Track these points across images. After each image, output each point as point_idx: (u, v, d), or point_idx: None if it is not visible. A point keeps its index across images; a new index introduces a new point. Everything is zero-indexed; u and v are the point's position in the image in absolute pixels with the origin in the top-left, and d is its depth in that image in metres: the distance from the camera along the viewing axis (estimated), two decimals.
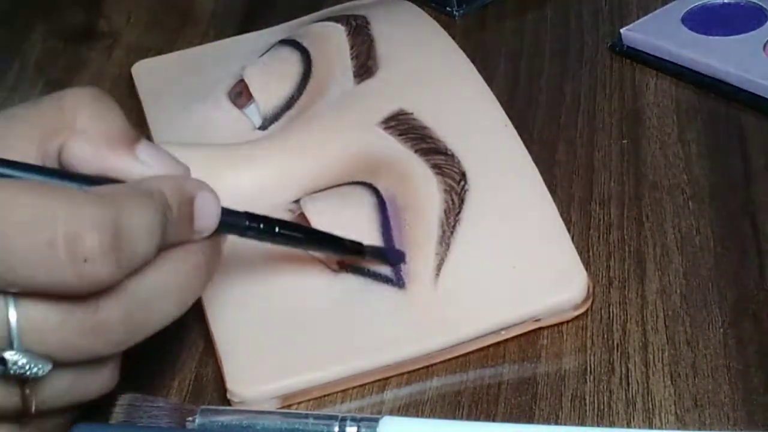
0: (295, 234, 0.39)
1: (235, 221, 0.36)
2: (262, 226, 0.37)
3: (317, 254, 0.41)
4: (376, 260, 0.41)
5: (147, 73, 0.55)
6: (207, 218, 0.35)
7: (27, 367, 0.31)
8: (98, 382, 0.34)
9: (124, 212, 0.32)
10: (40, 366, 0.32)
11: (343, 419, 0.35)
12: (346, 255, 0.41)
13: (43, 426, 0.35)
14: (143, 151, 0.35)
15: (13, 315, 0.31)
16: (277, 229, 0.38)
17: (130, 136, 0.35)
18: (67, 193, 0.31)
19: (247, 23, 0.59)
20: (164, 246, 0.33)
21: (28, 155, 0.34)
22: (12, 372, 0.31)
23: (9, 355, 0.31)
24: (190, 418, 0.36)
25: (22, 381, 0.32)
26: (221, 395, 0.39)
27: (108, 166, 0.34)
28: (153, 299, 0.33)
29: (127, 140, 0.35)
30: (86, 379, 0.34)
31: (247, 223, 0.37)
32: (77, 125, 0.34)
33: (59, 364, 0.32)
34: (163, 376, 0.40)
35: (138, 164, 0.34)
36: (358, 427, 0.35)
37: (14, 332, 0.31)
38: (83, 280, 0.31)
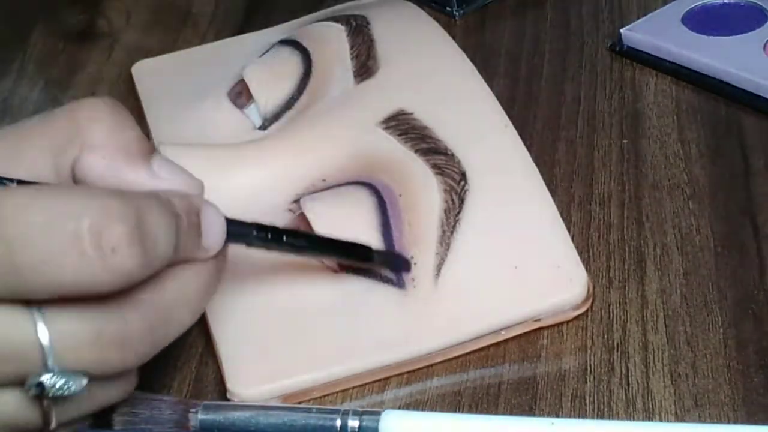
0: (301, 242, 0.39)
1: (242, 231, 0.36)
2: (269, 235, 0.37)
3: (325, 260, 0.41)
4: (383, 266, 0.41)
5: (147, 73, 0.55)
6: (213, 235, 0.35)
7: (65, 387, 0.31)
8: (119, 390, 0.35)
9: (144, 208, 0.32)
10: (76, 383, 0.32)
11: (345, 412, 0.36)
12: (354, 261, 0.40)
13: None
14: (158, 165, 0.35)
15: (44, 334, 0.31)
16: (284, 238, 0.38)
17: (145, 149, 0.35)
18: (87, 189, 0.32)
19: (247, 23, 0.59)
20: (175, 257, 0.33)
21: (42, 169, 0.34)
22: (49, 395, 0.31)
23: (46, 379, 0.31)
24: (193, 410, 0.36)
25: (51, 399, 0.32)
26: (221, 395, 0.39)
27: (122, 179, 0.34)
28: (171, 310, 0.34)
29: (142, 154, 0.35)
30: (110, 390, 0.34)
31: (255, 233, 0.37)
32: (91, 139, 0.34)
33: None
34: (163, 376, 0.40)
35: (153, 178, 0.34)
36: (361, 420, 0.35)
37: (47, 351, 0.31)
38: (113, 273, 0.31)
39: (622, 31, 0.53)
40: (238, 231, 0.36)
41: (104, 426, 0.37)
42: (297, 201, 0.43)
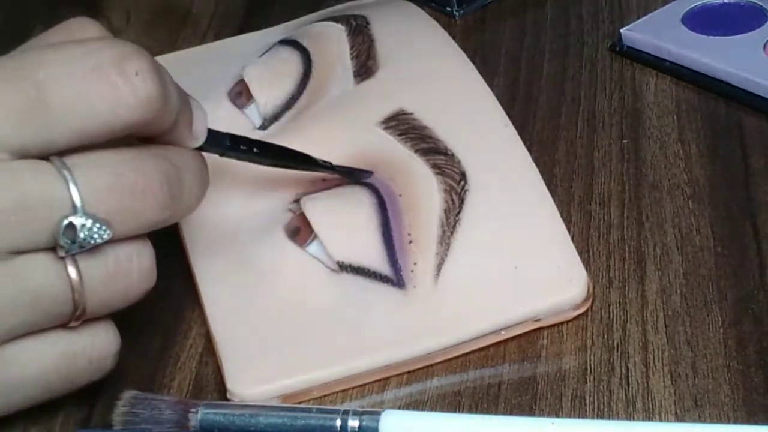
0: (271, 153, 0.42)
1: (217, 140, 0.39)
2: (241, 146, 0.40)
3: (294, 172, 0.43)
4: (345, 175, 0.43)
5: None
6: (200, 121, 0.38)
7: (94, 230, 0.33)
8: (138, 273, 0.35)
9: (157, 62, 0.34)
10: (103, 229, 0.33)
11: (345, 412, 0.36)
12: (318, 170, 0.43)
13: (89, 339, 0.36)
14: None
15: (72, 181, 0.33)
16: (255, 149, 0.41)
17: None
18: (104, 37, 0.36)
19: (247, 23, 0.59)
20: (176, 129, 0.36)
21: None
22: (81, 238, 0.33)
23: (76, 219, 0.33)
24: (194, 410, 0.36)
25: (75, 259, 0.33)
26: (221, 395, 0.39)
27: None
28: (182, 171, 0.36)
29: None
30: (129, 265, 0.35)
31: (228, 142, 0.39)
32: None
33: (107, 241, 0.34)
34: (163, 376, 0.40)
35: None
36: (361, 420, 0.35)
37: (77, 199, 0.33)
38: (138, 96, 0.33)
39: (622, 31, 0.53)
40: (214, 140, 0.38)
41: (104, 426, 0.37)
42: (297, 201, 0.43)
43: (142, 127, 0.34)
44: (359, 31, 0.50)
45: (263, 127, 0.48)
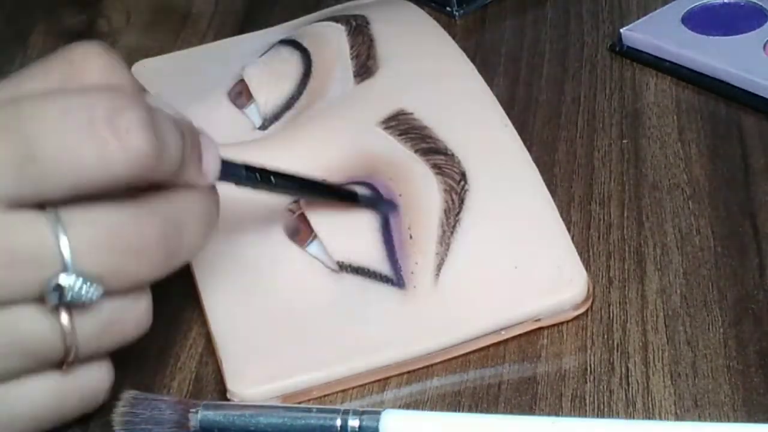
0: (289, 183, 0.40)
1: (233, 170, 0.38)
2: (258, 176, 0.39)
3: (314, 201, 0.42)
4: (370, 206, 0.42)
5: (147, 73, 0.55)
6: (212, 160, 0.36)
7: (82, 290, 0.32)
8: (135, 318, 0.35)
9: (151, 107, 0.33)
10: (93, 289, 0.33)
11: (346, 412, 0.36)
12: (341, 201, 0.42)
13: (82, 378, 0.35)
14: (151, 103, 0.36)
15: (62, 235, 0.32)
16: (272, 179, 0.39)
17: (137, 89, 0.36)
18: (98, 88, 0.34)
19: (247, 23, 0.59)
20: (180, 173, 0.35)
21: None
22: (68, 298, 0.32)
23: (64, 279, 0.32)
24: (193, 410, 0.36)
25: (68, 308, 0.33)
26: (221, 395, 0.39)
27: None
28: (182, 223, 0.35)
29: (134, 93, 0.35)
30: (124, 314, 0.35)
31: (245, 172, 0.38)
32: (86, 79, 0.35)
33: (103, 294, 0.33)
34: (163, 376, 0.40)
35: None
36: (361, 420, 0.35)
37: (67, 257, 0.32)
38: (128, 153, 0.32)
39: (622, 31, 0.53)
40: (229, 170, 0.37)
41: (104, 426, 0.37)
42: (297, 201, 0.43)
43: (139, 180, 0.33)
44: (359, 31, 0.50)
45: (263, 127, 0.48)
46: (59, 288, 0.32)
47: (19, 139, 0.31)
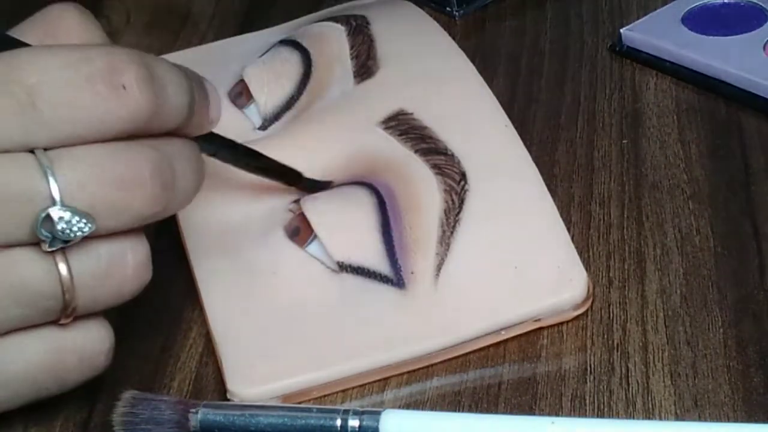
0: (261, 161, 0.42)
1: (212, 139, 0.39)
2: (237, 148, 0.41)
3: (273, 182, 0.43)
4: (311, 190, 0.43)
5: None
6: (217, 105, 0.37)
7: (73, 222, 0.32)
8: (134, 269, 0.35)
9: (152, 60, 0.34)
10: (83, 223, 0.33)
11: (346, 412, 0.36)
12: (288, 182, 0.43)
13: (80, 337, 0.35)
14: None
15: (52, 172, 0.32)
16: (246, 153, 0.41)
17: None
18: (97, 44, 0.35)
19: (247, 23, 0.59)
20: (190, 119, 0.35)
21: None
22: (59, 231, 0.32)
23: (55, 211, 0.32)
24: (193, 410, 0.36)
25: (65, 253, 0.33)
26: (221, 395, 0.39)
27: None
28: (175, 160, 0.35)
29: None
30: (122, 263, 0.34)
31: (221, 142, 0.40)
32: (62, 38, 0.36)
33: (90, 240, 0.33)
34: (163, 376, 0.40)
35: None
36: (361, 420, 0.35)
37: (56, 190, 0.32)
38: (125, 108, 0.33)
39: (622, 31, 0.53)
40: (208, 138, 0.38)
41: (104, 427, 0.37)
42: (297, 201, 0.43)
43: (138, 132, 0.34)
44: (359, 31, 0.50)
45: (263, 127, 0.48)
46: (49, 220, 0.32)
47: (20, 89, 0.32)
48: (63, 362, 0.35)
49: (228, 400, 0.38)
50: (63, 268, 0.33)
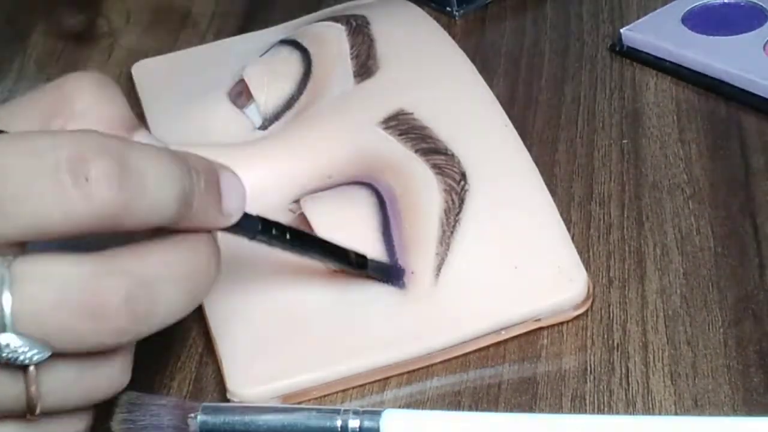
0: (304, 243, 0.38)
1: (247, 223, 0.35)
2: (273, 231, 0.37)
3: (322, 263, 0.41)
4: (378, 276, 0.40)
5: (147, 73, 0.55)
6: (235, 198, 0.34)
7: (21, 351, 0.30)
8: (107, 378, 0.33)
9: (131, 150, 0.31)
10: (36, 351, 0.30)
11: (346, 412, 0.36)
12: (349, 268, 0.40)
13: (50, 428, 0.33)
14: (142, 138, 0.34)
15: (6, 297, 0.30)
16: (287, 236, 0.37)
17: (129, 123, 0.35)
18: (70, 131, 0.32)
19: (247, 23, 0.59)
20: (190, 218, 0.32)
21: None
22: (6, 356, 0.30)
23: (2, 338, 0.30)
24: (192, 415, 0.36)
25: (24, 368, 0.31)
26: (221, 395, 0.39)
27: None
28: (158, 285, 0.32)
29: (126, 126, 0.34)
30: (94, 374, 0.33)
31: (260, 227, 0.36)
32: (77, 109, 0.34)
33: (62, 355, 0.31)
34: (163, 376, 0.40)
35: None
36: (361, 420, 0.35)
37: (7, 315, 0.30)
38: (89, 203, 0.30)
39: (622, 31, 0.53)
40: (244, 222, 0.35)
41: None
42: (297, 201, 0.43)
43: (112, 229, 0.31)
44: (359, 31, 0.50)
45: (263, 127, 0.48)
46: None
47: None
48: None
49: (228, 400, 0.38)
50: (31, 376, 0.31)
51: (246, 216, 0.35)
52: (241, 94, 0.50)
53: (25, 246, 0.31)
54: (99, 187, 0.30)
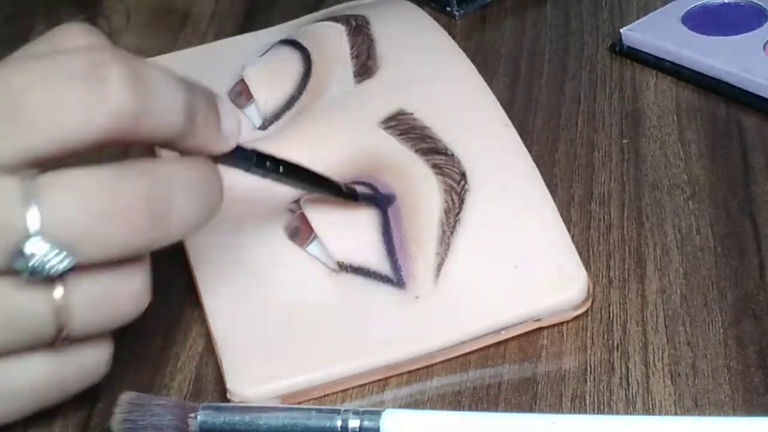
0: (297, 174, 0.40)
1: (244, 155, 0.37)
2: (268, 164, 0.38)
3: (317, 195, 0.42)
4: (368, 203, 0.42)
5: None
6: (231, 124, 0.35)
7: (48, 259, 0.31)
8: (130, 296, 0.34)
9: (141, 63, 0.33)
10: (62, 257, 0.31)
11: (346, 412, 0.36)
12: (341, 197, 0.41)
13: (79, 356, 0.35)
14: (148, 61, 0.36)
15: (33, 202, 0.31)
16: (281, 168, 0.39)
17: None
18: (86, 46, 0.34)
19: (247, 23, 0.59)
20: (193, 137, 0.34)
21: None
22: (35, 266, 0.31)
23: (30, 245, 0.31)
24: (192, 415, 0.36)
25: (51, 282, 0.32)
26: (221, 395, 0.39)
27: None
28: (173, 190, 0.33)
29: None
30: (118, 291, 0.34)
31: (255, 158, 0.38)
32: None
33: (86, 268, 0.32)
34: (163, 376, 0.40)
35: None
36: (361, 420, 0.35)
37: (35, 221, 0.31)
38: (108, 104, 0.31)
39: (622, 31, 0.53)
40: (239, 154, 0.37)
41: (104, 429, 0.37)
42: (297, 201, 0.43)
43: (127, 137, 0.32)
44: (359, 31, 0.50)
45: (263, 127, 0.48)
46: (22, 254, 0.31)
47: (4, 91, 0.31)
48: (64, 376, 0.35)
49: (228, 400, 0.38)
50: (58, 295, 0.32)
51: (242, 148, 0.37)
52: (241, 94, 0.50)
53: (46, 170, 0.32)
54: (115, 88, 0.31)
